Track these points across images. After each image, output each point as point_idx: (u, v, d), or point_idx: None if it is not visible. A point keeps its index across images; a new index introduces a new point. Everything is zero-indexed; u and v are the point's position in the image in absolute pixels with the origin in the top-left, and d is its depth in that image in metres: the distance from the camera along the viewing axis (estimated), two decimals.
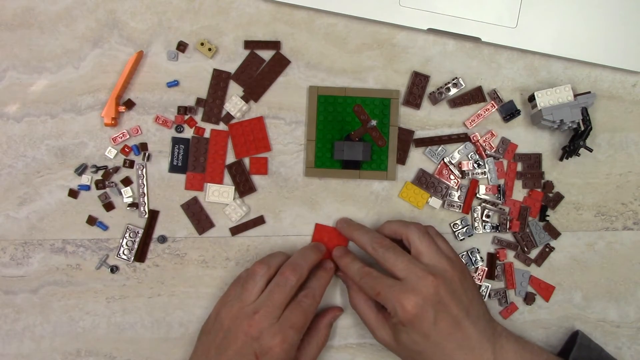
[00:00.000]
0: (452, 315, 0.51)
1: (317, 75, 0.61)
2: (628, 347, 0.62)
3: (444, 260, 0.53)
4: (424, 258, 0.53)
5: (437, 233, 0.57)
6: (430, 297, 0.50)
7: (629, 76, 0.61)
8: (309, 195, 0.61)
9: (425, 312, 0.50)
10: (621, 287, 0.62)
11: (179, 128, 0.61)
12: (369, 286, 0.53)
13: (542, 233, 0.61)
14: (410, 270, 0.51)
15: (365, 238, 0.56)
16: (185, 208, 0.61)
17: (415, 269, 0.51)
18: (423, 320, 0.50)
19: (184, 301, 0.61)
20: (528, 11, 0.59)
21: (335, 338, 0.62)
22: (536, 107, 0.59)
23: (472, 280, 0.55)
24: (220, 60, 0.61)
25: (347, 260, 0.57)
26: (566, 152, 0.60)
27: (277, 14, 0.61)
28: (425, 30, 0.60)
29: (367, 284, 0.53)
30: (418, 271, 0.51)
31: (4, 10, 0.61)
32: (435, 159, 0.61)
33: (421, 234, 0.54)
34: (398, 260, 0.52)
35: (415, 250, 0.54)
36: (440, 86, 0.61)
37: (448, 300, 0.51)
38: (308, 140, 0.61)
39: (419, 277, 0.51)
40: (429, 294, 0.50)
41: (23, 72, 0.61)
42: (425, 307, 0.50)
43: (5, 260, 0.61)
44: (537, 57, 0.61)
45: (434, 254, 0.53)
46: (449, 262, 0.53)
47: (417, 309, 0.50)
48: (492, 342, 0.52)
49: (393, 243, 0.54)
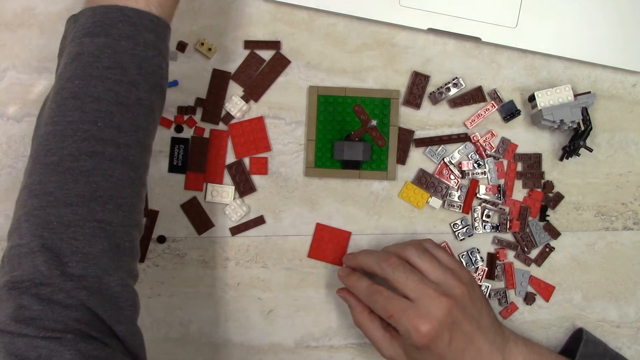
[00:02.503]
0: (465, 332, 0.51)
1: (317, 75, 0.61)
2: (628, 347, 0.62)
3: (449, 275, 0.52)
4: (429, 276, 0.52)
5: (434, 245, 0.56)
6: (445, 320, 0.50)
7: (629, 76, 0.61)
8: (309, 195, 0.61)
9: (441, 336, 0.50)
10: (621, 287, 0.62)
11: (178, 128, 0.61)
12: (380, 306, 0.53)
13: (542, 233, 0.61)
14: (422, 290, 0.51)
15: (371, 259, 0.55)
16: (185, 208, 0.61)
17: (427, 290, 0.51)
18: (439, 343, 0.50)
19: (184, 301, 0.61)
20: (528, 11, 0.59)
21: (335, 338, 0.62)
22: (536, 107, 0.59)
23: (478, 288, 0.55)
24: (220, 60, 0.61)
25: (353, 279, 0.56)
26: (566, 152, 0.60)
27: (277, 14, 0.61)
28: (425, 30, 0.60)
29: (377, 303, 0.53)
30: (430, 292, 0.51)
31: (4, 10, 0.61)
32: (435, 159, 0.61)
33: (420, 252, 0.54)
34: (409, 280, 0.52)
35: (418, 271, 0.53)
36: (440, 86, 0.61)
37: (460, 318, 0.51)
38: (308, 140, 0.61)
39: (431, 299, 0.50)
40: (444, 315, 0.50)
41: (23, 72, 0.61)
42: (441, 331, 0.50)
43: None
44: (537, 57, 0.61)
45: (437, 270, 0.53)
46: (454, 275, 0.53)
47: (433, 333, 0.50)
48: (501, 350, 0.53)
49: (401, 260, 0.53)
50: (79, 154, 0.44)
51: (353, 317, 0.56)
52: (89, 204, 0.44)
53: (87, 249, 0.43)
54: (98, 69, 0.46)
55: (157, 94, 0.49)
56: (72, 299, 0.42)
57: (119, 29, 0.47)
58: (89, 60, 0.46)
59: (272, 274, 0.62)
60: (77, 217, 0.43)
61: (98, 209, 0.44)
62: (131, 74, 0.46)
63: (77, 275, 0.42)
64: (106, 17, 0.47)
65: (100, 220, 0.44)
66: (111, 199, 0.45)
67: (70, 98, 0.46)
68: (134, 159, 0.46)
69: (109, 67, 0.46)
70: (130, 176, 0.46)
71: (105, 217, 0.44)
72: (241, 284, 0.62)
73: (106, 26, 0.47)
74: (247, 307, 0.62)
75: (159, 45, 0.48)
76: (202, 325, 0.62)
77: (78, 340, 0.41)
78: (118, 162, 0.45)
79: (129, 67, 0.46)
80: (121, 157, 0.45)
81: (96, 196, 0.44)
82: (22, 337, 0.40)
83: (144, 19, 0.47)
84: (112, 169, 0.45)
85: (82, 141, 0.44)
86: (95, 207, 0.44)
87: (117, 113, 0.46)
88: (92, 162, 0.44)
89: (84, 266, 0.43)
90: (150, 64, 0.48)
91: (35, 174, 0.45)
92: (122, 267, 0.45)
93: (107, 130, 0.45)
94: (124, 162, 0.46)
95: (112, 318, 0.43)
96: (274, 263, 0.62)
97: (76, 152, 0.44)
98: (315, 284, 0.62)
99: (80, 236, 0.43)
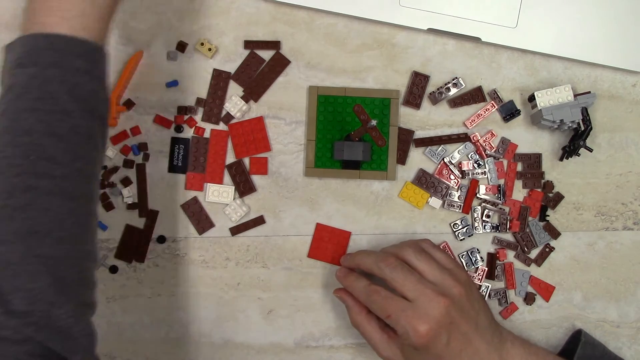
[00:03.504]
0: (463, 332, 0.51)
1: (317, 75, 0.61)
2: (628, 347, 0.62)
3: (447, 275, 0.52)
4: (427, 276, 0.52)
5: (432, 245, 0.56)
6: (443, 320, 0.50)
7: (629, 76, 0.61)
8: (309, 195, 0.61)
9: (439, 336, 0.50)
10: (621, 287, 0.62)
11: (178, 128, 0.61)
12: (378, 306, 0.53)
13: (542, 233, 0.61)
14: (420, 291, 0.51)
15: (369, 260, 0.55)
16: (185, 208, 0.61)
17: (425, 290, 0.51)
18: (436, 343, 0.50)
19: (184, 301, 0.61)
20: (528, 11, 0.59)
21: (335, 338, 0.62)
22: (536, 107, 0.59)
23: (475, 288, 0.55)
24: (220, 60, 0.61)
25: (351, 279, 0.56)
26: (566, 152, 0.60)
27: (277, 14, 0.61)
28: (425, 30, 0.60)
29: (375, 303, 0.53)
30: (428, 292, 0.51)
31: (4, 10, 0.61)
32: (435, 159, 0.61)
33: (417, 253, 0.54)
34: (407, 281, 0.52)
35: (416, 271, 0.53)
36: (440, 86, 0.61)
37: (458, 319, 0.51)
38: (308, 140, 0.61)
39: (429, 299, 0.50)
40: (441, 316, 0.50)
41: None
42: (439, 331, 0.50)
43: None
44: (537, 57, 0.61)
45: (434, 270, 0.53)
46: (452, 275, 0.53)
47: (431, 333, 0.50)
48: (499, 350, 0.53)
49: (398, 261, 0.53)
50: (13, 190, 0.43)
51: (350, 318, 0.56)
52: (26, 240, 0.42)
53: (29, 285, 0.42)
54: (28, 101, 0.44)
55: (96, 118, 0.47)
56: (19, 334, 0.41)
57: (46, 57, 0.45)
58: (19, 93, 0.45)
59: (272, 274, 0.62)
60: (15, 254, 0.42)
61: (36, 245, 0.42)
62: (62, 102, 0.45)
63: (22, 311, 0.41)
64: (34, 45, 0.45)
65: (39, 255, 0.42)
66: (50, 232, 0.43)
67: (3, 133, 0.44)
68: (73, 190, 0.45)
69: (39, 98, 0.44)
70: (70, 207, 0.44)
71: (45, 252, 0.43)
72: (241, 284, 0.62)
73: (34, 55, 0.45)
74: (247, 307, 0.62)
75: (91, 70, 0.47)
76: (202, 325, 0.62)
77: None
78: (55, 194, 0.44)
79: (60, 95, 0.45)
80: (58, 189, 0.44)
81: (33, 231, 0.43)
82: None
83: (69, 44, 0.45)
84: (48, 202, 0.43)
85: (14, 177, 0.43)
86: (32, 243, 0.42)
87: (49, 144, 0.44)
88: (27, 198, 0.43)
89: (28, 302, 0.42)
90: (83, 89, 0.46)
91: None
92: (72, 299, 0.43)
93: (39, 163, 0.43)
94: (62, 193, 0.44)
95: (66, 349, 0.42)
96: (274, 263, 0.62)
97: (10, 189, 0.43)
98: (315, 284, 0.62)
99: (21, 273, 0.42)
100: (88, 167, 0.47)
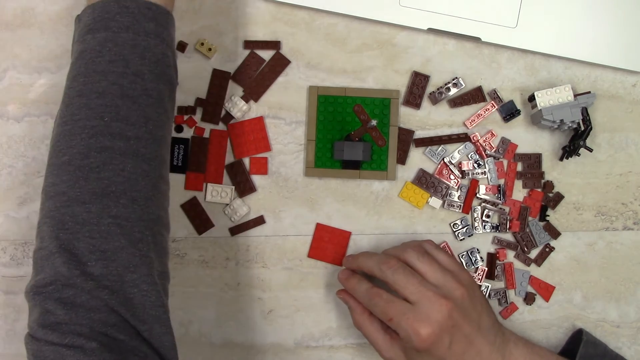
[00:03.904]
0: (465, 334, 0.51)
1: (317, 75, 0.61)
2: (628, 347, 0.62)
3: (449, 277, 0.52)
4: (429, 279, 0.52)
5: (435, 247, 0.56)
6: (445, 323, 0.50)
7: (629, 76, 0.61)
8: (309, 195, 0.62)
9: (441, 339, 0.50)
10: (621, 287, 0.62)
11: (178, 128, 0.61)
12: (380, 309, 0.52)
13: (542, 233, 0.61)
14: (422, 293, 0.51)
15: (371, 262, 0.55)
16: (185, 208, 0.61)
17: (427, 293, 0.51)
18: (439, 346, 0.50)
19: (184, 301, 0.61)
20: (528, 11, 0.59)
21: (335, 338, 0.62)
22: (536, 107, 0.59)
23: (478, 289, 0.55)
24: (220, 60, 0.61)
25: (353, 282, 0.56)
26: (566, 152, 0.60)
27: (277, 14, 0.61)
28: (425, 30, 0.60)
29: (377, 306, 0.53)
30: (430, 295, 0.50)
31: (4, 10, 0.61)
32: (435, 159, 0.61)
33: (419, 255, 0.54)
34: (409, 283, 0.51)
35: (418, 273, 0.53)
36: (440, 86, 0.61)
37: (461, 321, 0.51)
38: (308, 140, 0.61)
39: (431, 302, 0.50)
40: (444, 319, 0.50)
41: (23, 72, 0.61)
42: (441, 334, 0.50)
43: (5, 260, 0.61)
44: (537, 57, 0.61)
45: (436, 272, 0.53)
46: (454, 277, 0.52)
47: (433, 337, 0.50)
48: (502, 351, 0.53)
49: (400, 263, 0.53)
50: (88, 150, 0.44)
51: (353, 319, 0.56)
52: (101, 200, 0.43)
53: (104, 247, 0.42)
54: (101, 64, 0.46)
55: (165, 82, 0.48)
56: (95, 299, 0.42)
57: (118, 21, 0.46)
58: (91, 57, 0.46)
59: (272, 274, 0.62)
60: (91, 214, 0.43)
61: (112, 205, 0.43)
62: (134, 65, 0.46)
63: (97, 274, 0.42)
64: (104, 11, 0.47)
65: (115, 216, 0.43)
66: (124, 193, 0.44)
67: (76, 96, 0.45)
68: (146, 151, 0.46)
69: (111, 61, 0.46)
70: (143, 169, 0.45)
71: (120, 213, 0.43)
72: (241, 284, 0.62)
73: (105, 20, 0.46)
74: (247, 307, 0.62)
75: (160, 33, 0.48)
76: (202, 325, 0.62)
77: (102, 350, 0.40)
78: (128, 155, 0.45)
79: (132, 58, 0.46)
80: (131, 150, 0.45)
81: (108, 192, 0.43)
82: (48, 344, 0.40)
83: (141, 7, 0.47)
84: (122, 162, 0.44)
85: (90, 138, 0.44)
86: (108, 203, 0.43)
87: (123, 106, 0.45)
88: (102, 158, 0.44)
89: (103, 264, 0.42)
90: (153, 52, 0.47)
91: (49, 175, 0.45)
92: (146, 263, 0.44)
93: (114, 125, 0.45)
94: (135, 155, 0.45)
95: (136, 318, 0.43)
96: (274, 263, 0.62)
97: (85, 150, 0.44)
98: (315, 284, 0.62)
99: (96, 234, 0.42)
100: (158, 130, 0.47)
